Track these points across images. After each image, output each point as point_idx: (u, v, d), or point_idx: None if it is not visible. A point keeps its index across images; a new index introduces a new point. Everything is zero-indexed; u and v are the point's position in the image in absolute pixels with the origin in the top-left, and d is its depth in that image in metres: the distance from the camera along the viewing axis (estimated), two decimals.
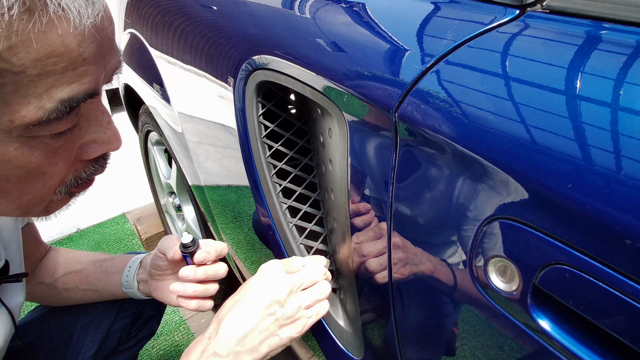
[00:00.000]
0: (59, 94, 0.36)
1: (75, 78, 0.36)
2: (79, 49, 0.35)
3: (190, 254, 0.69)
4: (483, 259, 0.42)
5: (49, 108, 0.36)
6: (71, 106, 0.37)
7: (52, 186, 0.44)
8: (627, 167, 0.31)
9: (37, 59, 0.33)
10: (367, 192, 0.55)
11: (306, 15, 0.64)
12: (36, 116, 0.36)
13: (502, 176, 0.38)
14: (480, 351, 0.46)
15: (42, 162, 0.40)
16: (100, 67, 0.39)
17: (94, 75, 0.38)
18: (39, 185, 0.42)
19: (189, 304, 0.73)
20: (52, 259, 0.89)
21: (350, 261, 0.64)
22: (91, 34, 0.36)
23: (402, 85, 0.46)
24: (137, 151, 1.75)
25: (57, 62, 0.34)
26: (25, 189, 0.42)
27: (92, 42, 0.37)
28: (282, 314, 0.60)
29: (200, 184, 1.08)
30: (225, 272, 0.73)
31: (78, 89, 0.37)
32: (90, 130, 0.44)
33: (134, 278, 0.83)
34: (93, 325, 0.91)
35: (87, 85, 0.38)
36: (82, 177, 0.47)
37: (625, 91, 0.34)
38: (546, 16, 0.44)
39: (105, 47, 0.39)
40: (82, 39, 0.35)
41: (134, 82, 1.29)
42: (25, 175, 0.41)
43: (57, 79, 0.35)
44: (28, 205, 0.44)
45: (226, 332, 0.59)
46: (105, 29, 0.39)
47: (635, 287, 0.31)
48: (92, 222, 2.12)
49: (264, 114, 0.71)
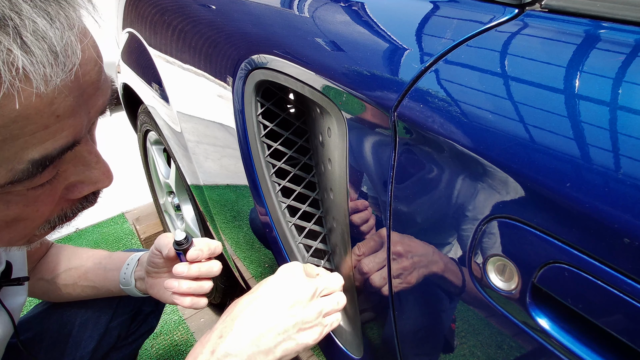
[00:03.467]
0: (29, 154, 0.33)
1: (48, 136, 0.33)
2: (50, 108, 0.32)
3: (184, 251, 0.69)
4: (482, 258, 0.42)
5: (19, 169, 0.33)
6: (44, 165, 0.34)
7: (34, 227, 0.42)
8: (626, 166, 0.31)
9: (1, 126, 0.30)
10: (366, 192, 0.55)
11: (305, 15, 0.64)
12: (5, 178, 0.33)
13: (501, 175, 0.38)
14: (479, 350, 0.46)
15: (20, 212, 0.38)
16: (83, 115, 0.36)
17: (72, 127, 0.35)
18: (20, 227, 0.40)
19: (183, 300, 0.72)
20: (53, 255, 0.89)
21: (349, 260, 0.64)
22: (65, 88, 0.33)
23: (401, 84, 0.46)
24: (135, 151, 1.75)
25: (24, 125, 0.31)
26: (5, 232, 0.40)
27: (68, 96, 0.33)
28: (302, 318, 0.57)
29: (199, 184, 1.08)
30: (220, 270, 0.73)
31: (52, 146, 0.34)
32: (77, 172, 0.41)
33: (131, 275, 0.83)
34: (91, 321, 0.92)
35: (64, 140, 0.35)
36: (67, 216, 0.45)
37: (624, 90, 0.34)
38: (545, 15, 0.44)
39: (88, 93, 0.36)
40: (53, 98, 0.32)
41: (133, 81, 1.29)
42: (5, 224, 0.39)
43: (26, 140, 0.32)
44: (10, 242, 0.43)
45: (241, 331, 0.55)
46: (86, 75, 0.35)
47: (634, 286, 0.31)
48: (91, 222, 2.12)
49: (263, 113, 0.71)
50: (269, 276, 0.63)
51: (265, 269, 0.94)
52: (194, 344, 1.50)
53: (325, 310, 0.60)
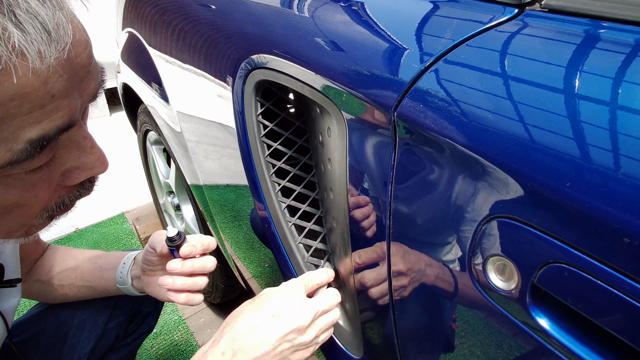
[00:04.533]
0: (26, 134, 0.34)
1: (44, 116, 0.34)
2: (45, 86, 0.33)
3: (177, 247, 0.69)
4: (482, 258, 0.42)
5: (17, 149, 0.34)
6: (42, 145, 0.35)
7: (33, 214, 0.43)
8: (626, 165, 0.31)
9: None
10: (366, 191, 0.55)
11: (305, 14, 0.64)
12: (4, 159, 0.34)
13: (501, 175, 0.38)
14: (479, 350, 0.46)
15: (19, 197, 0.39)
16: (75, 97, 0.37)
17: (67, 108, 0.36)
18: (19, 214, 0.41)
19: (178, 297, 0.73)
20: (49, 257, 0.89)
21: (349, 260, 0.64)
22: (59, 68, 0.34)
23: (401, 84, 0.46)
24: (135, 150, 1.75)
25: (21, 104, 0.32)
26: (4, 219, 0.41)
27: (61, 76, 0.34)
28: (299, 342, 0.61)
29: (199, 184, 1.08)
30: (214, 266, 0.73)
31: (49, 127, 0.35)
32: (72, 157, 0.42)
33: (127, 274, 0.83)
34: (89, 322, 0.92)
35: (60, 121, 0.36)
36: (65, 203, 0.45)
37: (624, 90, 0.34)
38: (545, 15, 0.44)
39: (80, 75, 0.37)
40: (48, 77, 0.33)
41: (133, 81, 1.29)
42: (4, 209, 0.39)
43: (23, 119, 0.33)
44: (8, 232, 0.43)
45: (241, 352, 0.58)
46: (78, 56, 0.36)
47: (634, 286, 0.31)
48: (90, 222, 2.11)
49: (263, 113, 0.71)
50: (271, 291, 0.64)
51: (265, 269, 0.94)
52: (194, 344, 1.48)
53: (322, 331, 0.63)
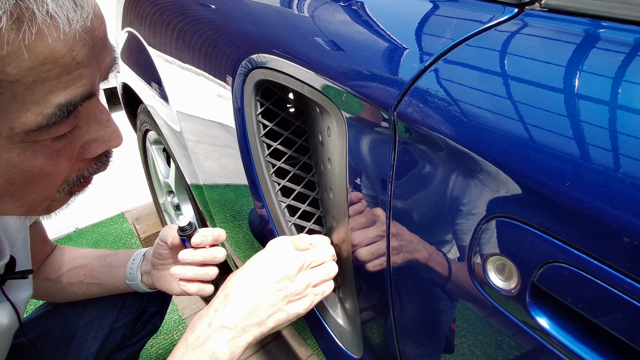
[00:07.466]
0: (56, 99, 0.37)
1: (70, 82, 0.37)
2: (72, 53, 0.36)
3: (188, 237, 0.71)
4: (482, 257, 0.42)
5: (48, 113, 0.37)
6: (69, 110, 0.38)
7: (56, 185, 0.45)
8: (625, 165, 0.31)
9: (31, 67, 0.34)
10: (365, 191, 0.55)
11: (305, 14, 0.64)
12: (36, 122, 0.37)
13: (500, 174, 0.38)
14: (479, 349, 0.46)
15: (45, 165, 0.41)
16: (95, 68, 0.40)
17: (89, 77, 0.39)
18: (43, 185, 0.44)
19: (189, 287, 0.74)
20: (57, 256, 0.90)
21: (349, 259, 0.64)
22: (82, 37, 0.37)
23: (401, 83, 0.46)
24: (135, 150, 1.75)
25: (51, 68, 0.35)
26: (30, 190, 0.43)
27: (84, 45, 0.37)
28: (291, 291, 0.61)
29: (198, 183, 1.08)
30: (224, 257, 0.74)
31: (74, 93, 0.38)
32: (91, 130, 0.45)
33: (137, 270, 0.85)
34: (96, 322, 0.92)
35: (83, 88, 0.39)
36: (84, 176, 0.48)
37: (623, 89, 0.34)
38: (544, 14, 0.44)
39: (98, 47, 0.40)
40: (74, 43, 0.36)
41: (132, 81, 1.29)
42: (30, 178, 0.42)
43: (52, 84, 0.36)
44: (32, 204, 0.45)
45: (234, 306, 0.60)
46: (96, 29, 0.39)
47: (634, 285, 0.31)
48: (90, 222, 2.12)
49: (263, 112, 0.71)
50: (259, 251, 0.65)
51: None
52: None
53: (315, 282, 0.63)
